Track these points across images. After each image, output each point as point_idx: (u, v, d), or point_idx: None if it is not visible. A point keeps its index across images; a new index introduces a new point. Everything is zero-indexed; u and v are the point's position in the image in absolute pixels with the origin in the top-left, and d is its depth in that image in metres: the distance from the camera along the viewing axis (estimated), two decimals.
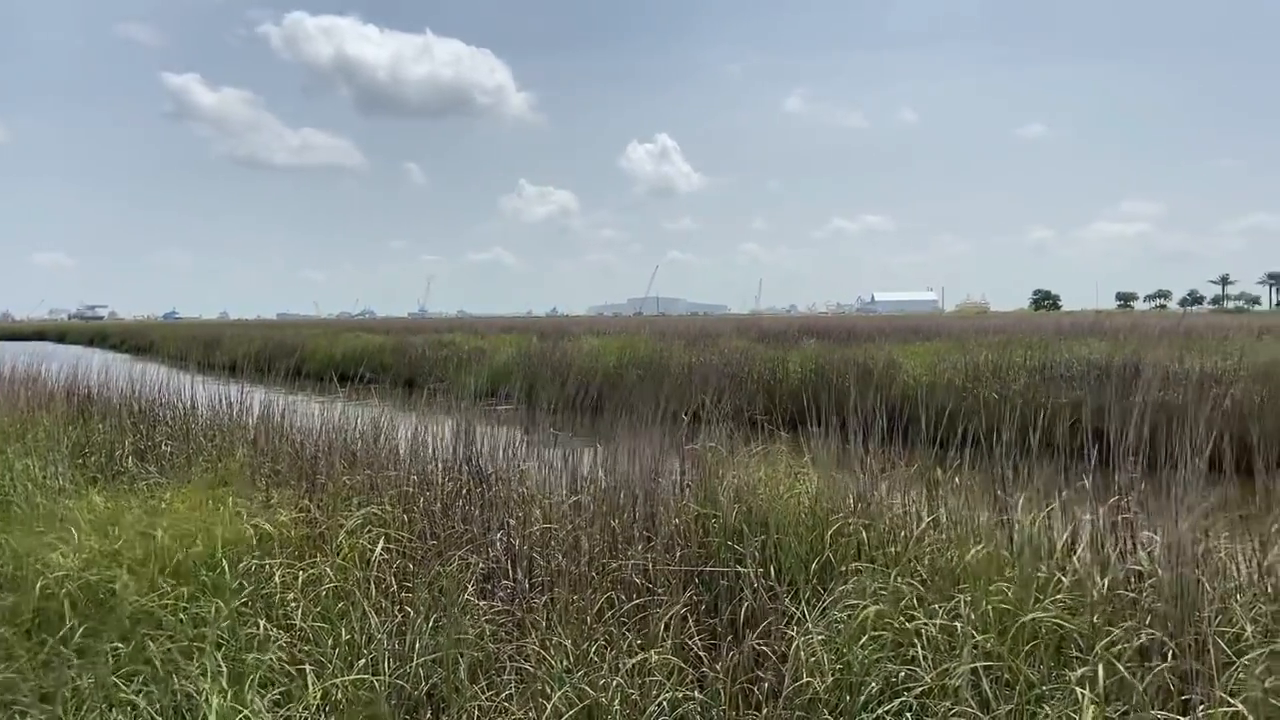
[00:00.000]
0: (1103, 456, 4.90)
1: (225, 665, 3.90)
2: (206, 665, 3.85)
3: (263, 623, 4.30)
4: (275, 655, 4.05)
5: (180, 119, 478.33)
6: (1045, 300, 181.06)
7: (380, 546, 5.09)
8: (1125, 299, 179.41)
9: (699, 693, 4.00)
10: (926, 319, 49.98)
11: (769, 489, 5.66)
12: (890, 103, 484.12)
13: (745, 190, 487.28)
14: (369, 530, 5.36)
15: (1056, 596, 4.07)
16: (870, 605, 4.19)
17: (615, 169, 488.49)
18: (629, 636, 4.32)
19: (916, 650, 3.92)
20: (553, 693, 3.83)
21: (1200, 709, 3.36)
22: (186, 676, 3.84)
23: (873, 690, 3.86)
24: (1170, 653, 3.64)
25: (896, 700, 3.72)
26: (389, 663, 4.13)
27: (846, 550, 5.04)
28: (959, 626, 3.93)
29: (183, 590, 4.51)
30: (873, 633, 4.08)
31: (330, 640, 4.28)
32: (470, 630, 4.34)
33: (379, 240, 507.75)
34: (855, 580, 4.52)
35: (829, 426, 6.14)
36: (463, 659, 4.13)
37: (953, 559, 4.60)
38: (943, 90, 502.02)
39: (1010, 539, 4.64)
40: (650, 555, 5.12)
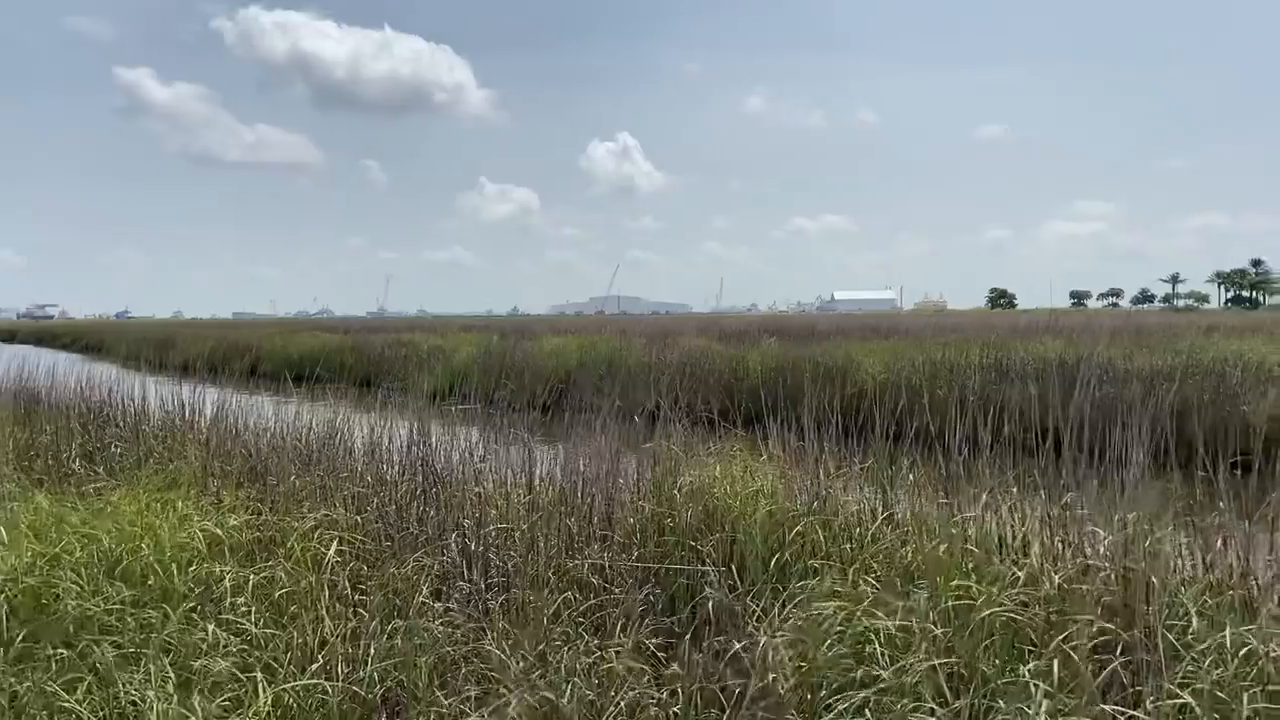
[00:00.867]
0: (1055, 453, 4.96)
1: (172, 671, 3.82)
2: (151, 671, 3.77)
3: (212, 627, 4.21)
4: (224, 661, 3.97)
5: (132, 115, 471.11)
6: (1001, 299, 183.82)
7: (334, 549, 5.01)
8: (1079, 297, 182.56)
9: (658, 693, 3.98)
10: (885, 318, 50.51)
11: (725, 487, 5.67)
12: (850, 103, 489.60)
13: (707, 189, 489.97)
14: (322, 533, 5.28)
15: (1011, 592, 4.11)
16: (830, 604, 4.20)
17: (576, 167, 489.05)
18: (586, 637, 4.30)
19: (875, 648, 3.93)
20: (510, 694, 3.80)
21: (1150, 701, 3.40)
22: (130, 683, 3.76)
23: (832, 688, 3.87)
24: (1121, 646, 3.69)
25: (857, 697, 3.73)
26: (342, 667, 4.07)
27: (804, 548, 5.06)
28: (915, 623, 3.95)
29: (128, 595, 4.41)
30: (834, 630, 4.09)
31: (282, 645, 4.21)
32: (426, 633, 4.29)
33: (337, 238, 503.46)
34: (816, 580, 4.53)
35: (787, 425, 6.15)
36: (419, 662, 4.08)
37: (909, 556, 4.63)
38: (902, 91, 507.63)
39: (965, 535, 4.68)
40: (608, 554, 5.11)
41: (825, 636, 4.07)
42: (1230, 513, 4.33)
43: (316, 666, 4.05)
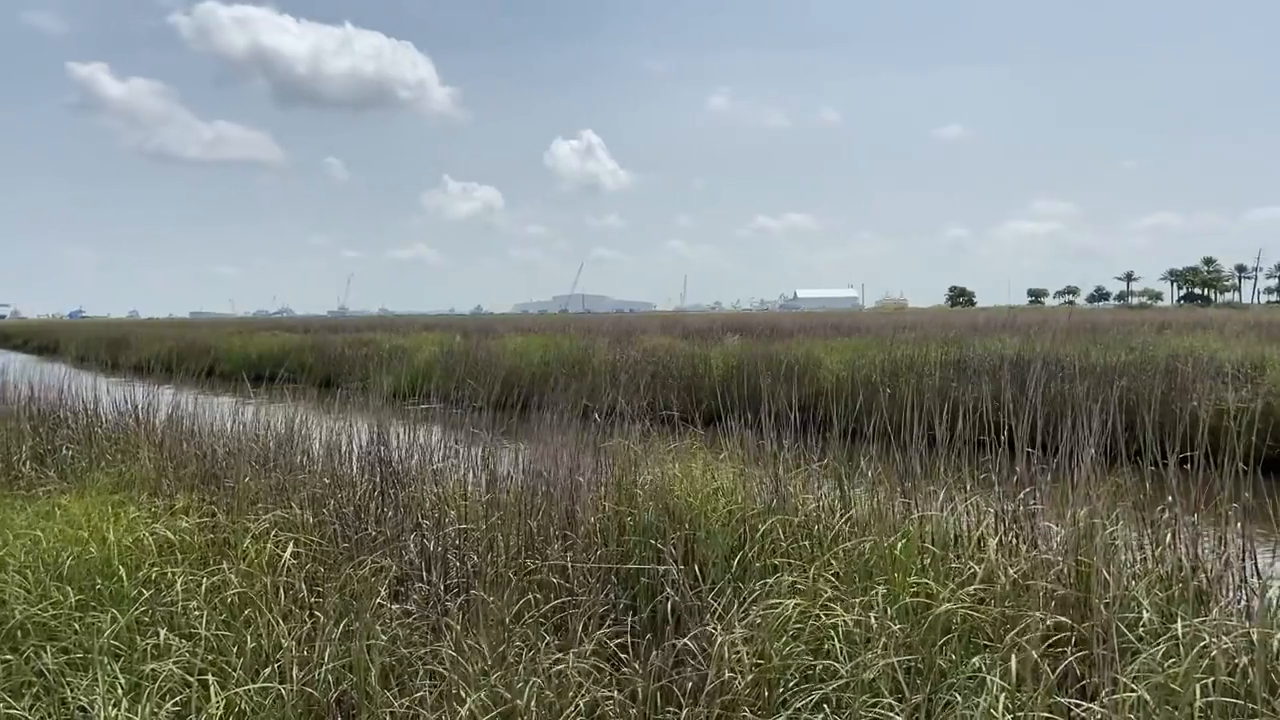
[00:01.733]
0: (1010, 449, 5.01)
1: (122, 676, 3.74)
2: (99, 676, 3.69)
3: (163, 632, 4.13)
4: (175, 665, 3.90)
5: (86, 111, 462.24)
6: (961, 297, 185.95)
7: (289, 551, 4.94)
8: (1036, 295, 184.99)
9: (618, 693, 3.97)
10: (847, 316, 50.89)
11: (685, 485, 5.67)
12: (813, 102, 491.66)
13: (671, 188, 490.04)
14: (277, 534, 5.20)
15: (968, 588, 4.15)
16: (789, 600, 4.22)
17: (540, 165, 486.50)
18: (547, 637, 4.27)
19: (834, 644, 3.95)
20: (467, 696, 3.77)
21: (1104, 693, 3.44)
22: (79, 689, 3.68)
23: (791, 685, 3.88)
24: (1075, 639, 3.74)
25: (815, 693, 3.75)
26: (296, 670, 4.01)
27: (764, 546, 5.07)
28: (874, 619, 3.97)
29: (75, 599, 4.32)
30: (793, 627, 4.11)
31: (235, 648, 4.14)
32: (382, 635, 4.24)
33: (298, 236, 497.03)
34: (776, 578, 4.54)
35: (747, 422, 6.16)
36: (373, 664, 4.04)
37: (866, 552, 4.66)
38: (864, 91, 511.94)
39: (922, 532, 4.72)
40: (569, 554, 5.08)
41: (782, 633, 4.08)
42: (1179, 506, 4.40)
43: (270, 670, 3.99)
